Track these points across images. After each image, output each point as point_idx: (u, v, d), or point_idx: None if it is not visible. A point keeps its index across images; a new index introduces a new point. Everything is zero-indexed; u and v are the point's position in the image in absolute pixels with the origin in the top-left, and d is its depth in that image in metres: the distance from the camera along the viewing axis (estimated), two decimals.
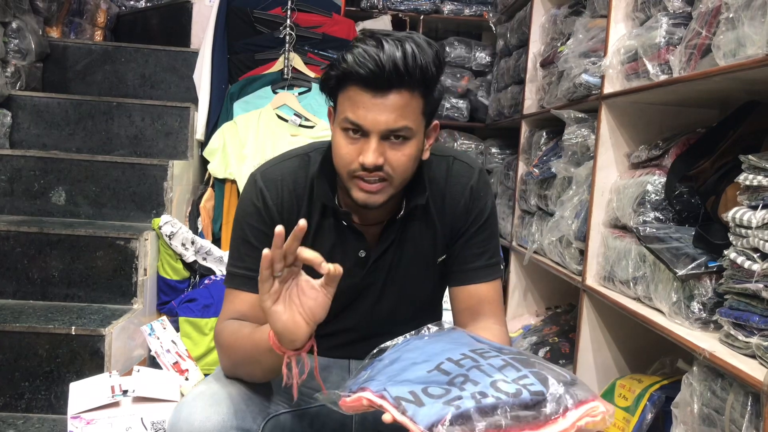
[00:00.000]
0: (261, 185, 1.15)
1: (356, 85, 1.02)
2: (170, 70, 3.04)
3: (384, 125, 1.02)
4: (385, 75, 0.99)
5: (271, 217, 1.14)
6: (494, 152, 3.53)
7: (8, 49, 2.64)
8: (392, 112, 1.02)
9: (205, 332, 2.27)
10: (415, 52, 1.00)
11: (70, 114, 2.70)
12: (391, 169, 1.05)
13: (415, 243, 1.20)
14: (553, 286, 2.81)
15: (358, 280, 1.19)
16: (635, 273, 1.65)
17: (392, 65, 0.99)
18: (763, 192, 1.19)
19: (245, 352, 1.07)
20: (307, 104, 2.75)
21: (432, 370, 0.88)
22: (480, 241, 1.21)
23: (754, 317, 1.17)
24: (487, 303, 1.21)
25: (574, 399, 0.83)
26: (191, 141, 2.77)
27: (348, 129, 1.05)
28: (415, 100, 1.04)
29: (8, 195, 2.41)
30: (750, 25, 1.20)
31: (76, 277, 2.16)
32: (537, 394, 0.82)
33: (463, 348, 0.94)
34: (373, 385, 0.88)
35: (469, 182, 1.20)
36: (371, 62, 0.99)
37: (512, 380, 0.84)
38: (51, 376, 1.90)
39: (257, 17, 2.91)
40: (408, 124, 1.03)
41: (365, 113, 1.02)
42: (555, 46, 2.48)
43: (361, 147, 1.04)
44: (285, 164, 1.19)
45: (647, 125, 1.86)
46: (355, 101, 1.02)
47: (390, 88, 1.01)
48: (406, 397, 0.83)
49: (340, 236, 1.17)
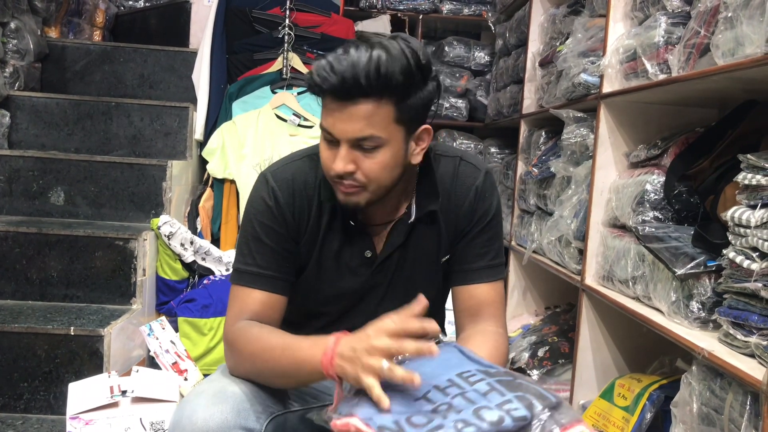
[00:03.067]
0: (273, 184, 1.16)
1: (327, 95, 1.04)
2: (169, 70, 3.04)
3: (350, 134, 1.03)
4: (345, 86, 1.00)
5: (283, 216, 1.15)
6: (493, 152, 3.53)
7: (7, 49, 2.64)
8: (358, 121, 1.02)
9: (204, 332, 2.27)
10: (380, 61, 0.98)
11: (69, 114, 2.70)
12: (363, 175, 1.06)
13: (421, 244, 1.21)
14: (553, 286, 2.81)
15: (364, 279, 1.20)
16: (634, 272, 1.65)
17: (351, 76, 0.99)
18: (761, 191, 1.19)
19: (279, 367, 1.06)
20: (306, 104, 2.75)
21: (419, 399, 0.90)
22: (483, 242, 1.22)
23: (753, 316, 1.17)
24: (488, 305, 1.21)
25: (559, 424, 0.82)
26: (190, 141, 2.76)
27: (325, 136, 1.07)
28: (384, 109, 1.02)
29: (7, 195, 2.41)
30: (748, 25, 1.20)
31: (75, 277, 2.16)
32: (520, 419, 0.82)
33: (450, 373, 0.94)
34: (361, 412, 0.89)
35: (475, 183, 1.21)
36: (332, 77, 0.99)
37: (496, 406, 0.84)
38: (50, 376, 1.90)
39: (256, 17, 2.91)
40: (375, 133, 1.03)
41: (333, 122, 1.04)
42: (554, 46, 2.48)
43: (335, 154, 1.06)
44: (295, 164, 1.20)
45: (646, 124, 1.86)
46: (327, 109, 1.05)
47: (353, 97, 1.01)
48: (390, 427, 0.85)
49: (347, 236, 1.18)
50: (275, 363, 1.06)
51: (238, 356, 1.12)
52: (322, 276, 1.19)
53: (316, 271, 1.19)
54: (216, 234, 2.66)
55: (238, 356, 1.12)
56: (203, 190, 2.69)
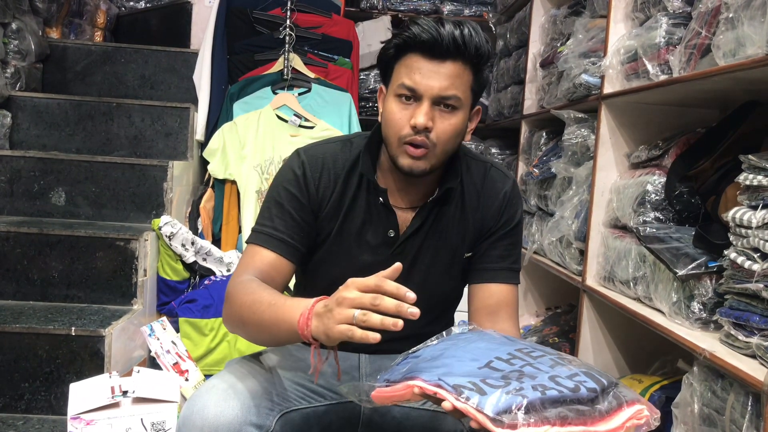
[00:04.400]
0: (303, 158, 1.23)
1: (415, 52, 1.11)
2: (170, 71, 3.04)
3: (437, 90, 1.10)
4: (443, 44, 1.09)
5: (307, 187, 1.21)
6: (494, 152, 3.53)
7: (8, 50, 2.64)
8: (446, 79, 1.10)
9: (205, 333, 2.27)
10: (471, 31, 1.11)
11: (70, 115, 2.70)
12: (436, 136, 1.12)
13: (445, 234, 1.25)
14: (553, 287, 2.81)
15: (383, 259, 1.21)
16: (635, 273, 1.65)
17: (451, 36, 1.09)
18: (763, 192, 1.18)
19: (261, 320, 1.05)
20: (307, 105, 2.75)
21: (482, 368, 0.87)
22: (506, 245, 1.27)
23: (755, 317, 1.17)
24: (505, 305, 1.24)
25: (624, 399, 0.85)
26: (191, 141, 2.76)
27: (402, 95, 1.12)
28: (467, 74, 1.12)
29: (8, 196, 2.41)
30: (749, 25, 1.20)
31: (76, 277, 2.16)
32: (592, 390, 0.83)
33: (508, 347, 0.93)
34: (423, 375, 0.86)
35: (504, 188, 1.27)
36: (434, 30, 1.09)
37: (566, 377, 0.85)
38: (51, 377, 1.90)
39: (257, 18, 2.91)
40: (458, 94, 1.11)
41: (421, 78, 1.10)
42: (555, 47, 2.48)
43: (413, 111, 1.11)
44: (328, 146, 1.27)
45: (647, 125, 1.86)
46: (412, 67, 1.11)
47: (446, 57, 1.10)
48: (466, 386, 0.81)
49: (371, 214, 1.22)
50: (259, 316, 1.06)
51: (231, 306, 1.13)
52: (342, 249, 1.23)
53: (336, 243, 1.23)
54: (217, 234, 2.66)
55: (231, 306, 1.13)
56: (204, 190, 2.69)
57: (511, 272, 1.27)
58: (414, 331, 1.20)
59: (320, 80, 2.83)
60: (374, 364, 1.27)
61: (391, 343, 1.21)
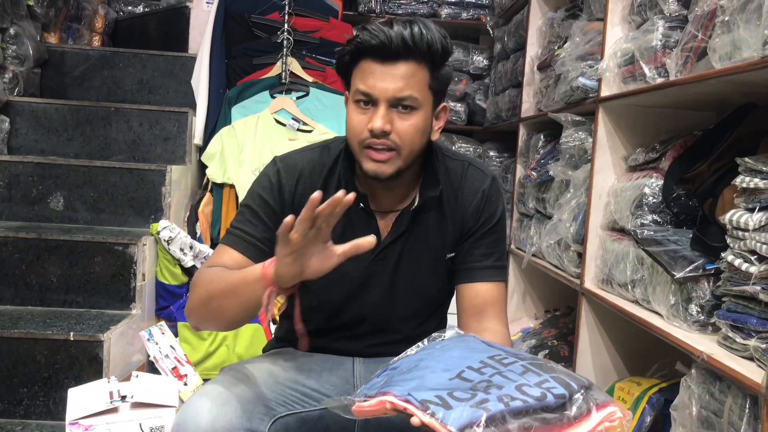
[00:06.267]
0: (280, 166, 1.25)
1: (367, 57, 1.12)
2: (168, 75, 3.04)
3: (392, 92, 1.10)
4: (392, 45, 1.09)
5: (282, 195, 1.22)
6: (492, 155, 3.53)
7: (6, 55, 2.65)
8: (399, 80, 1.10)
9: (204, 337, 2.27)
10: (421, 29, 1.10)
11: (68, 119, 2.70)
12: (398, 137, 1.12)
13: (426, 236, 1.25)
14: (552, 289, 2.81)
15: (366, 265, 1.22)
16: (633, 276, 1.65)
17: (400, 37, 1.09)
18: (759, 194, 1.19)
19: (227, 284, 1.10)
20: (305, 108, 2.75)
21: (453, 378, 0.88)
22: (488, 243, 1.26)
23: (752, 319, 1.17)
24: (492, 304, 1.24)
25: (595, 402, 0.85)
26: (189, 146, 2.77)
27: (359, 100, 1.13)
28: (421, 72, 1.12)
29: (6, 201, 2.41)
30: (745, 28, 1.20)
31: (75, 282, 2.16)
32: (560, 397, 0.83)
33: (481, 355, 0.94)
34: (395, 389, 0.87)
35: (483, 186, 1.27)
36: (381, 34, 1.09)
37: (535, 384, 0.85)
38: (49, 382, 1.89)
39: (255, 22, 2.91)
40: (413, 94, 1.11)
41: (374, 82, 1.11)
42: (552, 50, 2.48)
43: (371, 116, 1.12)
44: (306, 153, 1.28)
45: (644, 128, 1.87)
46: (366, 72, 1.12)
47: (398, 58, 1.10)
48: (432, 401, 0.82)
49: (352, 220, 1.22)
50: (225, 283, 1.11)
51: (195, 289, 1.17)
52: None
53: None
54: (215, 238, 2.66)
55: (194, 289, 1.17)
56: (202, 194, 2.69)
57: (496, 270, 1.26)
58: (407, 333, 1.20)
59: (318, 84, 2.83)
60: (368, 368, 1.28)
61: (386, 347, 1.21)
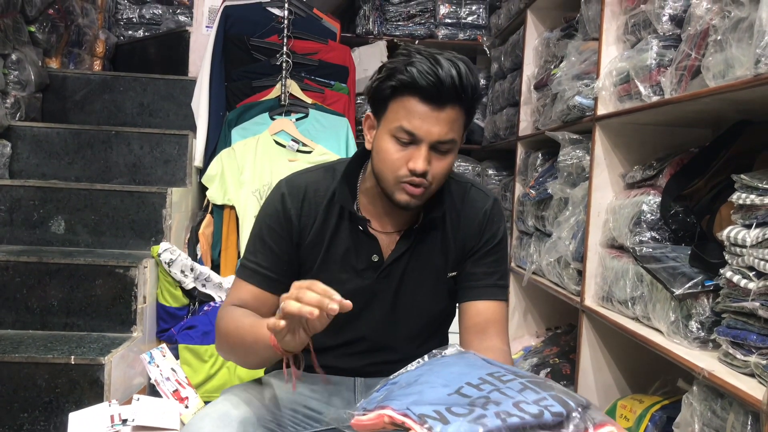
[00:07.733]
0: (284, 190, 1.25)
1: (414, 96, 1.09)
2: (168, 99, 3.07)
3: (436, 137, 1.10)
4: (443, 91, 1.07)
5: (289, 220, 1.23)
6: (491, 174, 3.55)
7: (8, 80, 2.67)
8: (445, 125, 1.10)
9: (205, 359, 2.27)
10: (467, 72, 1.09)
11: (69, 143, 2.72)
12: (432, 177, 1.14)
13: (429, 255, 1.26)
14: (553, 307, 2.81)
15: (370, 282, 1.24)
16: (633, 293, 1.65)
17: (450, 82, 1.07)
18: (756, 211, 1.20)
19: (244, 342, 1.13)
20: (305, 130, 2.77)
21: (452, 394, 0.88)
22: (490, 262, 1.28)
23: (752, 336, 1.18)
24: (494, 322, 1.25)
25: (593, 422, 0.85)
26: (189, 168, 2.78)
27: (400, 138, 1.11)
28: (462, 116, 1.13)
29: (8, 225, 2.41)
30: (737, 47, 1.22)
31: (76, 306, 2.16)
32: (557, 415, 0.83)
33: (480, 372, 0.94)
34: (393, 404, 0.88)
35: (484, 207, 1.28)
36: (433, 77, 1.06)
37: (533, 402, 0.85)
38: (50, 406, 1.89)
39: (254, 45, 2.94)
40: (455, 137, 1.13)
41: (421, 124, 1.09)
42: (548, 69, 2.51)
43: (411, 154, 1.11)
44: (310, 174, 1.28)
45: (641, 146, 1.88)
46: (411, 111, 1.09)
47: (446, 103, 1.09)
48: (430, 415, 0.83)
49: (355, 240, 1.23)
50: (243, 339, 1.13)
51: (219, 335, 1.20)
52: (329, 275, 1.23)
53: (323, 269, 1.24)
54: (216, 260, 2.66)
55: (219, 335, 1.21)
56: (203, 216, 2.70)
57: (498, 288, 1.27)
58: (409, 353, 1.20)
59: (317, 105, 2.85)
60: (369, 386, 1.28)
61: (387, 366, 1.21)
